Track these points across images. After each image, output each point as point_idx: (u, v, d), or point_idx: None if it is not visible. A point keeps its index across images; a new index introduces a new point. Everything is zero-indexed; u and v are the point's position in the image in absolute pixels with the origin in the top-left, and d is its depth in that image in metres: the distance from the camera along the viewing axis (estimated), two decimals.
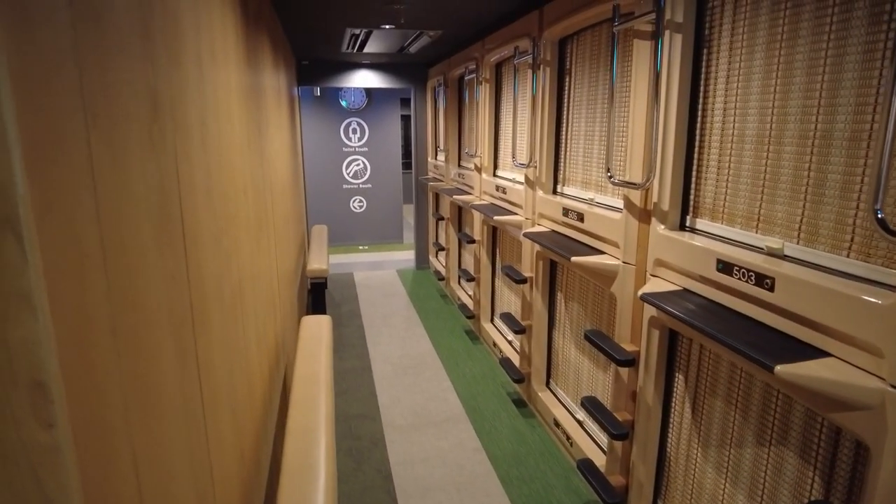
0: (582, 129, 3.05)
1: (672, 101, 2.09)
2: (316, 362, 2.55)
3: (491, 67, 4.40)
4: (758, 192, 1.83)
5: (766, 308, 1.70)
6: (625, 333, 2.48)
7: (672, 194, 2.16)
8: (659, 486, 2.45)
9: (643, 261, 2.36)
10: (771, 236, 1.78)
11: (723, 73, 1.95)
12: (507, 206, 4.05)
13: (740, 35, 1.86)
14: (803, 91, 1.63)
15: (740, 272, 1.77)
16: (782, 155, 1.72)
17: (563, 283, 3.37)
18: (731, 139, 1.93)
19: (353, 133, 8.55)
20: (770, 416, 1.83)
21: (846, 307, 1.43)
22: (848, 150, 1.51)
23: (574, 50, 3.09)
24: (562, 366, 3.48)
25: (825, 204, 1.59)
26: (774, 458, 1.82)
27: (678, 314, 1.88)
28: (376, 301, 6.15)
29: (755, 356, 1.53)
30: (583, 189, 3.06)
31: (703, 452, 2.16)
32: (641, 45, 2.27)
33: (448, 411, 3.73)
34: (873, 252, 1.46)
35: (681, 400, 2.28)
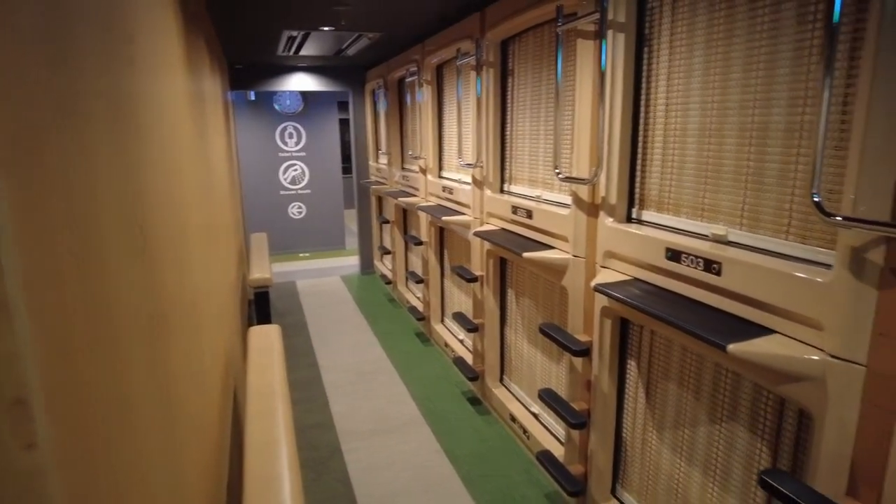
0: (527, 128, 3.12)
1: (616, 98, 2.17)
2: (269, 373, 2.48)
3: (432, 69, 4.42)
4: (701, 182, 1.93)
5: (715, 292, 1.79)
6: (578, 325, 2.55)
7: (619, 188, 2.25)
8: (618, 472, 2.53)
9: (593, 253, 2.44)
10: (716, 224, 1.88)
11: (664, 70, 2.05)
12: (454, 206, 4.08)
13: (679, 34, 1.96)
14: (741, 86, 1.74)
15: (688, 259, 1.86)
16: (723, 147, 1.82)
17: (514, 279, 3.43)
18: (675, 133, 2.03)
19: (289, 138, 8.36)
20: (720, 394, 1.93)
21: (788, 286, 1.53)
22: (784, 141, 1.61)
23: (517, 51, 3.15)
24: (515, 361, 3.54)
25: (765, 191, 1.69)
26: (726, 434, 1.92)
27: (632, 301, 1.95)
28: (322, 309, 6.03)
29: (709, 337, 1.61)
30: (530, 187, 3.13)
31: (659, 435, 2.25)
32: (585, 44, 2.34)
33: (405, 415, 3.71)
34: (810, 234, 1.57)
35: (634, 386, 2.37)
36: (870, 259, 1.33)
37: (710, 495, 2.02)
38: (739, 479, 1.89)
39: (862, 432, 1.39)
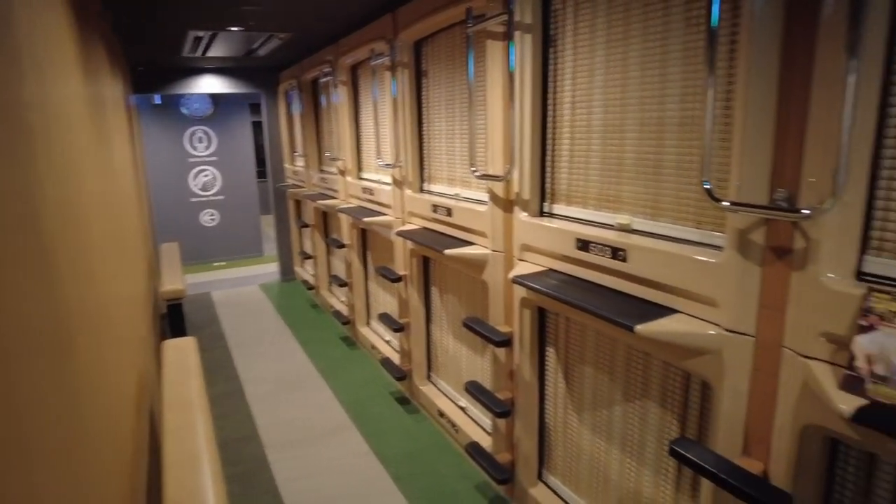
0: (443, 127, 3.17)
1: (526, 97, 2.26)
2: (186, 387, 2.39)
3: (347, 70, 4.40)
4: (606, 175, 2.05)
5: (622, 277, 1.91)
6: (499, 317, 2.63)
7: (531, 184, 2.34)
8: (543, 456, 2.63)
9: (510, 247, 2.52)
10: (621, 214, 2.00)
11: (569, 70, 2.16)
12: (375, 207, 4.07)
13: (582, 35, 2.07)
14: (638, 84, 1.86)
15: (597, 248, 1.97)
16: (625, 141, 1.95)
17: (437, 277, 3.47)
18: (580, 130, 2.14)
19: (199, 142, 8.01)
20: (632, 374, 2.06)
21: (686, 268, 1.66)
22: (678, 134, 1.75)
23: (430, 51, 3.20)
24: (441, 357, 3.58)
25: (663, 181, 1.82)
26: (639, 410, 2.05)
27: (546, 291, 2.04)
28: (241, 319, 5.83)
29: (618, 320, 1.71)
30: (449, 185, 3.18)
31: (579, 417, 2.37)
32: (495, 45, 2.42)
33: (333, 421, 3.66)
34: (703, 219, 1.71)
35: (554, 372, 2.47)
36: (753, 240, 1.47)
37: (627, 469, 2.15)
38: (653, 452, 2.02)
39: (752, 397, 1.54)
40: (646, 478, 2.06)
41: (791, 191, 1.37)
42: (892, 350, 1.16)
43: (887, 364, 1.17)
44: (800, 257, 1.37)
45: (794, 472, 1.45)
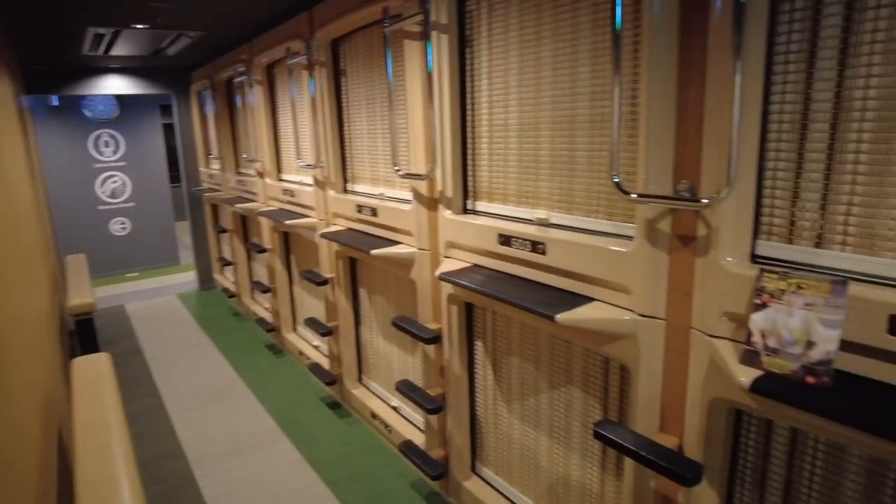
0: (364, 127, 3.15)
1: (445, 96, 2.29)
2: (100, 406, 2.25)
3: (263, 69, 4.27)
4: (523, 172, 2.11)
5: (543, 269, 1.98)
6: (428, 314, 2.65)
7: (454, 182, 2.37)
8: (475, 449, 2.68)
9: (436, 245, 2.54)
10: (539, 209, 2.07)
11: (485, 69, 2.20)
12: (297, 209, 3.99)
13: (496, 35, 2.12)
14: (551, 84, 1.93)
15: (518, 242, 2.03)
16: (540, 138, 2.01)
17: (365, 278, 3.45)
18: (498, 128, 2.19)
19: (105, 146, 7.52)
20: (556, 362, 2.14)
21: (601, 259, 1.74)
22: (589, 131, 1.83)
23: (348, 50, 3.17)
24: (372, 359, 3.56)
25: (577, 176, 1.90)
26: (564, 396, 2.13)
27: (472, 286, 2.08)
28: (158, 332, 5.53)
29: (539, 310, 1.77)
30: (372, 185, 3.17)
31: (508, 407, 2.43)
32: (412, 45, 2.43)
33: (262, 431, 3.55)
34: (615, 212, 1.80)
35: (483, 365, 2.52)
36: (660, 229, 1.56)
37: (556, 455, 2.22)
38: (579, 435, 2.11)
39: (666, 377, 1.64)
40: (573, 461, 2.15)
41: (692, 182, 1.47)
42: (782, 325, 1.27)
43: (778, 337, 1.28)
44: (702, 244, 1.47)
45: (704, 443, 1.56)
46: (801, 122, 1.32)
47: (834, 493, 1.40)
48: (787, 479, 1.49)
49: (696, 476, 1.49)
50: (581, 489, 2.13)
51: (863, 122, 1.23)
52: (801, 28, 1.30)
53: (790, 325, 1.26)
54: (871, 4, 1.19)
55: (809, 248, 1.34)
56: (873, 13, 1.18)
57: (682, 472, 1.48)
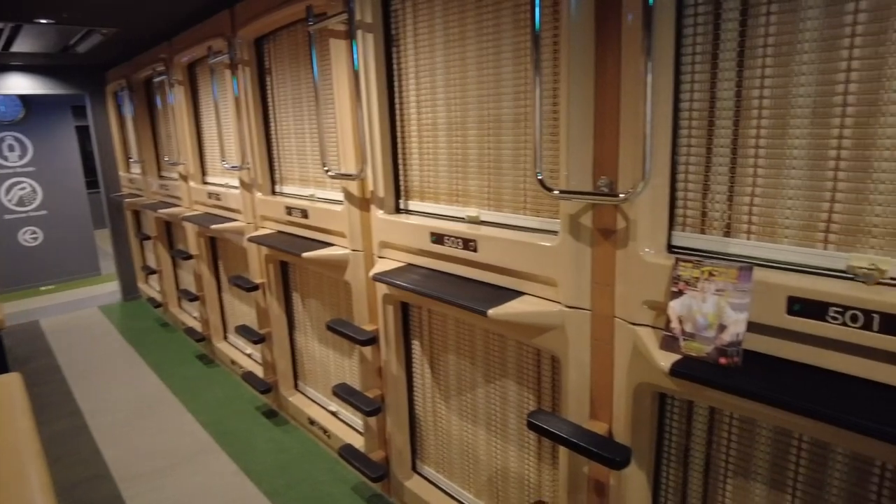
0: (291, 127, 3.09)
1: (373, 95, 2.28)
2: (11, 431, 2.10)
3: (183, 68, 4.10)
4: (453, 171, 2.14)
5: (475, 266, 2.01)
6: (363, 316, 2.63)
7: (385, 181, 2.37)
8: (416, 448, 2.69)
9: (370, 246, 2.53)
10: (470, 207, 2.10)
11: (412, 69, 2.21)
12: (224, 213, 3.86)
13: (422, 35, 2.13)
14: (476, 83, 1.96)
15: (450, 240, 2.05)
16: (468, 137, 2.04)
17: (298, 282, 3.38)
18: (427, 127, 2.21)
19: (9, 151, 6.99)
20: (491, 356, 2.18)
21: (529, 254, 1.78)
22: (513, 130, 1.87)
23: (273, 49, 3.10)
24: (308, 364, 3.50)
25: (504, 175, 1.94)
26: (500, 389, 2.17)
27: (406, 285, 2.08)
28: (78, 348, 5.21)
29: (472, 306, 1.80)
30: (302, 186, 3.11)
31: (446, 404, 2.45)
32: (338, 44, 2.40)
33: (195, 444, 3.42)
34: (541, 208, 1.85)
35: (420, 364, 2.53)
36: (583, 223, 1.62)
37: (494, 448, 2.26)
38: (515, 427, 2.15)
39: (594, 365, 1.70)
40: (511, 453, 2.19)
41: (611, 178, 1.54)
42: (696, 310, 1.35)
43: (694, 323, 1.36)
44: (622, 236, 1.54)
45: (632, 427, 1.63)
46: (709, 118, 1.41)
47: (747, 464, 1.50)
48: (707, 454, 1.58)
49: (625, 459, 1.55)
50: (519, 480, 2.18)
51: (760, 119, 1.32)
52: (705, 31, 1.38)
53: (704, 310, 1.33)
54: (762, 11, 1.28)
55: (720, 237, 1.43)
56: (764, 19, 1.28)
57: (612, 456, 1.54)
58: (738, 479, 1.52)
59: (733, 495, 1.54)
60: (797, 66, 1.25)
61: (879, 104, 1.16)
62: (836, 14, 1.18)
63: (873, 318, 1.13)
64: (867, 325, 1.14)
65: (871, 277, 1.19)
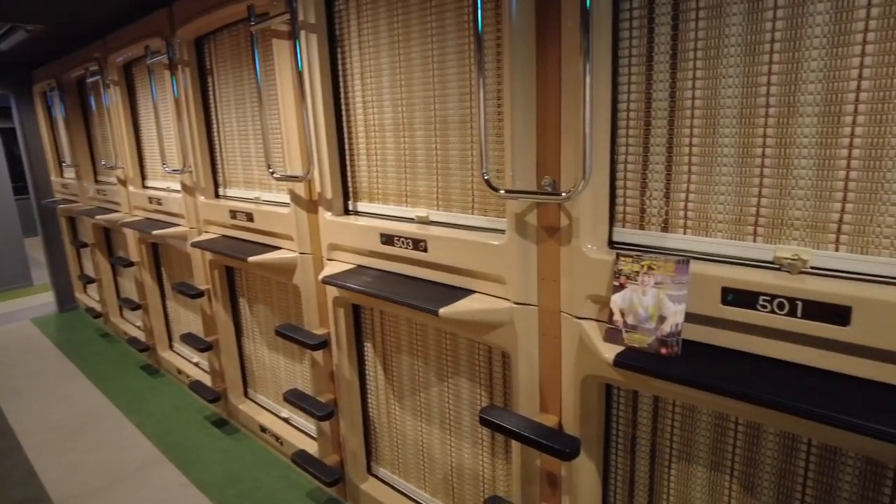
0: (235, 128, 3.02)
1: (318, 97, 2.26)
2: None
3: (119, 68, 3.94)
4: (402, 171, 2.14)
5: (425, 266, 2.02)
6: (314, 319, 2.60)
7: (333, 183, 2.35)
8: (370, 450, 2.67)
9: (318, 248, 2.50)
10: (419, 207, 2.11)
11: (357, 69, 2.20)
12: (166, 218, 3.73)
13: (367, 36, 2.13)
14: (421, 84, 1.97)
15: (400, 241, 2.06)
16: (415, 138, 2.05)
17: (245, 287, 3.31)
18: (374, 128, 2.20)
19: None
20: (444, 355, 2.19)
21: (478, 253, 1.81)
22: (459, 130, 1.89)
23: (214, 49, 3.02)
24: (258, 371, 3.43)
25: (451, 175, 1.96)
26: (453, 387, 2.19)
27: (356, 287, 2.07)
28: (9, 363, 4.93)
29: (423, 306, 1.81)
30: (247, 189, 3.05)
31: (400, 405, 2.45)
32: (281, 44, 2.37)
33: (141, 458, 3.29)
34: (488, 207, 1.88)
35: (374, 366, 2.52)
36: (529, 222, 1.65)
37: (449, 446, 2.28)
38: (469, 424, 2.18)
39: (543, 359, 1.74)
40: (465, 450, 2.21)
41: (554, 177, 1.58)
42: (637, 303, 1.40)
43: (635, 315, 1.41)
44: (566, 233, 1.58)
45: (580, 418, 1.68)
46: (645, 119, 1.47)
47: (689, 449, 1.57)
48: (652, 441, 1.65)
49: (574, 450, 1.60)
50: (474, 476, 2.21)
51: (693, 119, 1.39)
52: (640, 34, 1.43)
53: (644, 302, 1.39)
54: (691, 17, 1.34)
55: (658, 232, 1.49)
56: (693, 24, 1.34)
57: (562, 448, 1.58)
58: (681, 463, 1.59)
59: (677, 478, 1.61)
60: (724, 70, 1.32)
61: (797, 105, 1.24)
62: (757, 21, 1.25)
63: (797, 305, 1.21)
64: (792, 312, 1.22)
65: (795, 267, 1.26)
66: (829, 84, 1.19)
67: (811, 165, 1.24)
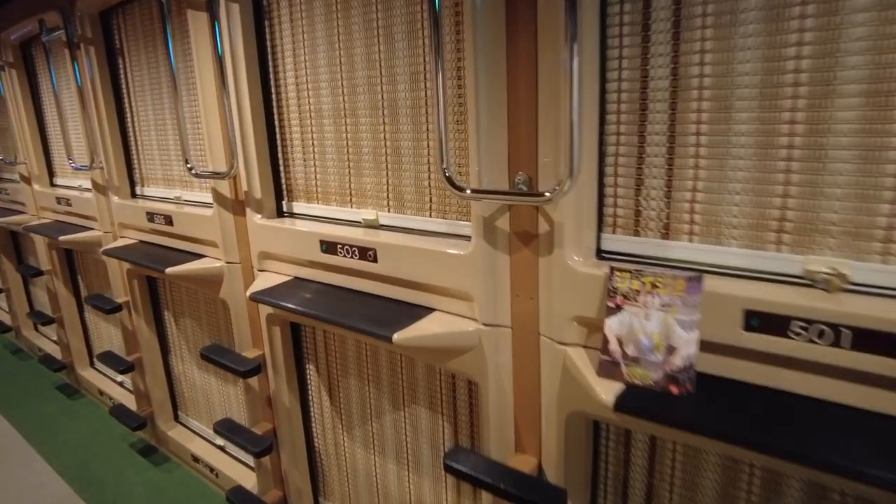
0: (151, 118, 2.60)
1: (242, 77, 1.89)
2: None
3: (16, 48, 3.42)
4: (345, 166, 1.81)
5: (376, 279, 1.70)
6: (246, 339, 2.24)
7: (262, 180, 1.99)
8: (317, 484, 2.35)
9: (248, 257, 2.14)
10: (365, 208, 1.79)
11: (289, 46, 1.85)
12: (77, 220, 3.26)
13: (298, 6, 1.78)
14: (365, 62, 1.65)
15: (344, 249, 1.73)
16: (359, 126, 1.72)
17: (169, 299, 2.90)
18: (310, 115, 1.86)
19: None
20: (398, 379, 1.89)
21: (437, 263, 1.51)
22: (412, 118, 1.58)
23: (124, 24, 2.58)
24: (188, 392, 3.03)
25: (404, 171, 1.65)
26: (410, 417, 1.89)
27: (290, 307, 1.74)
28: None
29: (373, 330, 1.50)
30: (167, 187, 2.64)
31: (349, 434, 2.13)
32: (198, 16, 1.99)
33: (50, 498, 2.85)
34: (449, 209, 1.58)
35: (318, 391, 2.19)
36: (499, 227, 1.36)
37: (405, 482, 1.98)
38: (429, 459, 1.88)
39: (518, 390, 1.46)
40: (425, 487, 1.92)
41: (529, 174, 1.29)
42: (639, 329, 1.14)
43: (636, 344, 1.14)
44: (545, 242, 1.30)
45: (564, 460, 1.41)
46: (641, 102, 1.19)
47: (693, 494, 1.32)
48: (648, 485, 1.40)
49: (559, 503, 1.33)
50: None
51: (701, 102, 1.13)
52: None
53: (647, 329, 1.12)
54: None
55: (657, 239, 1.23)
56: None
57: (545, 502, 1.31)
58: None
59: None
60: (741, 40, 1.06)
61: (835, 82, 0.99)
62: None
63: (842, 333, 0.97)
64: (836, 342, 0.97)
65: (833, 284, 1.02)
66: (877, 56, 0.95)
67: (852, 158, 1.00)
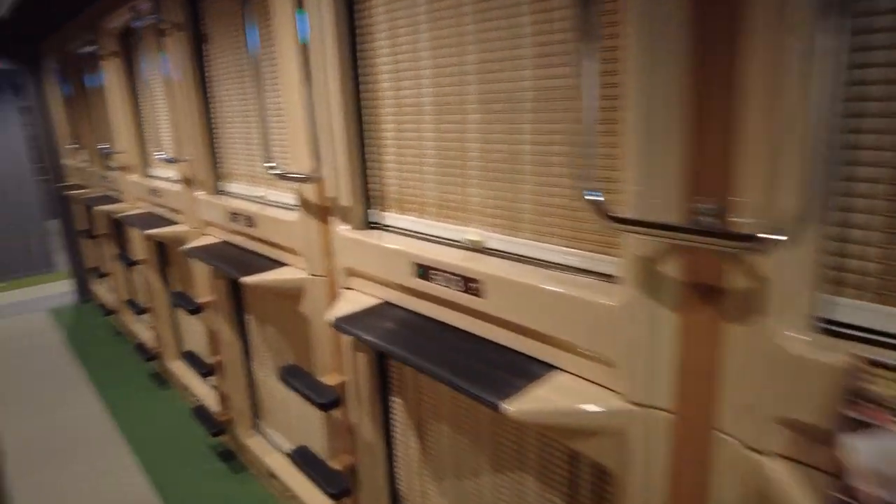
0: (236, 108, 2.40)
1: (331, 64, 1.60)
2: None
3: (116, 37, 3.38)
4: (447, 172, 1.48)
5: (479, 317, 1.36)
6: (327, 361, 1.98)
7: (351, 185, 1.70)
8: None
9: (333, 270, 1.87)
10: (470, 226, 1.44)
11: (385, 25, 1.53)
12: (167, 213, 3.17)
13: None
14: (479, 43, 1.29)
15: (442, 276, 1.40)
16: (467, 125, 1.37)
17: (252, 302, 2.72)
18: (409, 111, 1.54)
19: None
20: (502, 437, 1.54)
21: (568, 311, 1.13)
22: (537, 115, 1.21)
23: (211, 8, 2.39)
24: (268, 401, 2.85)
25: (522, 181, 1.28)
26: (513, 485, 1.54)
27: (372, 340, 1.44)
28: (11, 362, 4.54)
29: (475, 392, 1.16)
30: (251, 184, 2.43)
31: (438, 486, 1.82)
32: None
33: (128, 495, 2.79)
34: (580, 234, 1.20)
35: (404, 430, 1.89)
36: (663, 273, 0.97)
37: None
38: None
39: (675, 493, 1.07)
40: None
41: (720, 203, 0.89)
42: None
43: None
44: (739, 302, 0.89)
45: None
46: None
47: None
48: None
49: None
50: None
51: None
52: None
53: None
54: None
55: None
56: None
57: None
58: None
59: None
60: None
61: None
62: None
63: None
64: None
65: None
66: None
67: None
